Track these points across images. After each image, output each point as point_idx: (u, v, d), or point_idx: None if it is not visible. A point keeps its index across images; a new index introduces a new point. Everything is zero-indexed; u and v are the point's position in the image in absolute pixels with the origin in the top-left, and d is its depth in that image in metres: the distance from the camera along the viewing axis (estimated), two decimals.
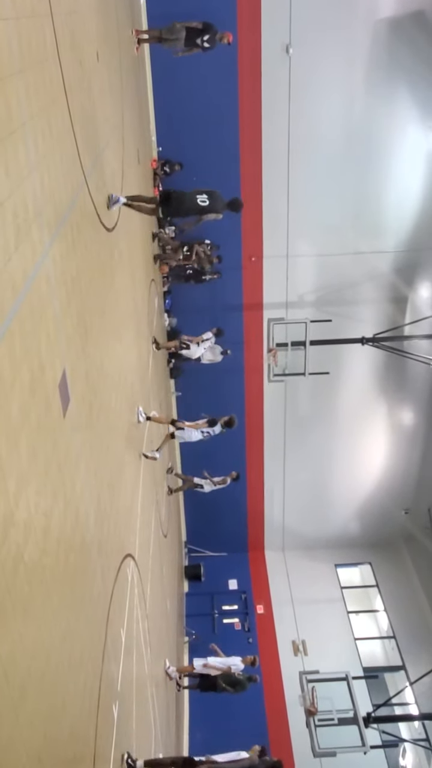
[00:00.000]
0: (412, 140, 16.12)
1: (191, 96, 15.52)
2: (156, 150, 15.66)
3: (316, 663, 14.93)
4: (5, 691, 2.96)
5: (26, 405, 3.60)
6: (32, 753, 3.27)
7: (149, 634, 8.96)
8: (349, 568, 20.44)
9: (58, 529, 4.11)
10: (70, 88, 5.32)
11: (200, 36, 10.57)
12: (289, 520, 20.43)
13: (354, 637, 17.81)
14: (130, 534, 7.75)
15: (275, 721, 15.24)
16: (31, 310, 3.83)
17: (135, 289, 9.68)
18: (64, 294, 4.72)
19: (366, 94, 15.79)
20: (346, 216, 16.78)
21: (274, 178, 16.35)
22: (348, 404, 18.76)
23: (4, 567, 3.06)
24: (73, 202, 5.26)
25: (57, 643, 3.90)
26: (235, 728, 14.20)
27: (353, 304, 17.63)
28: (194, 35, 10.55)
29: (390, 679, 17.43)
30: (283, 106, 15.71)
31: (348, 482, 19.85)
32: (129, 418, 8.21)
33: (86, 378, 5.39)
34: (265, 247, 17.15)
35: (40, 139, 4.25)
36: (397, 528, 20.14)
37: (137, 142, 11.65)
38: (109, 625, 5.71)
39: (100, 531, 5.58)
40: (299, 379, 16.02)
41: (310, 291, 17.72)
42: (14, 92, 3.75)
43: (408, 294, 17.64)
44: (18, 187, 3.70)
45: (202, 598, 18.82)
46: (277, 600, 19.01)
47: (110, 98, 8.13)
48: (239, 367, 17.96)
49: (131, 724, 6.79)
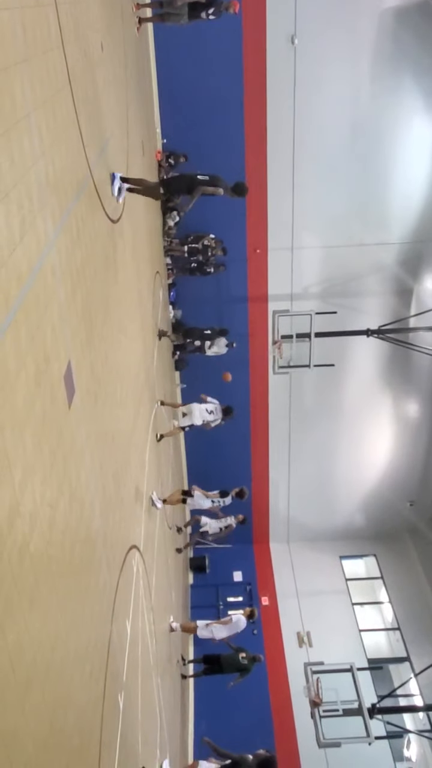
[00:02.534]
0: (417, 131, 16.02)
1: (196, 87, 15.44)
2: (160, 142, 15.60)
3: (320, 654, 14.97)
4: (11, 680, 2.98)
5: (31, 396, 3.60)
6: (38, 742, 3.29)
7: (154, 625, 9.00)
8: (353, 560, 20.45)
9: (64, 520, 4.12)
10: (75, 79, 5.30)
11: (205, 9, 10.39)
12: (294, 512, 20.45)
13: (359, 629, 17.84)
14: (135, 526, 7.77)
15: (280, 712, 15.30)
16: (37, 301, 3.82)
17: (140, 280, 9.67)
18: (69, 285, 4.72)
19: (371, 85, 15.69)
20: (351, 208, 16.71)
21: (279, 169, 16.28)
22: (353, 396, 18.73)
23: (10, 557, 3.07)
24: (78, 193, 5.24)
25: (63, 634, 3.92)
26: (239, 719, 14.28)
27: (358, 296, 17.57)
28: (199, 9, 10.37)
29: (395, 670, 17.46)
30: (288, 98, 15.62)
31: (353, 474, 19.85)
32: (134, 409, 8.21)
33: (91, 369, 5.39)
34: (270, 239, 17.09)
35: (44, 130, 4.23)
36: (402, 520, 20.14)
37: (142, 133, 11.60)
38: (115, 617, 5.73)
39: (105, 522, 5.60)
40: (304, 371, 15.99)
41: (315, 283, 17.67)
42: (19, 82, 3.73)
43: (413, 286, 17.57)
44: (23, 177, 3.69)
45: (207, 590, 18.87)
46: (281, 592, 19.05)
47: (114, 89, 8.09)
48: (244, 359, 17.95)
49: (137, 714, 6.83)
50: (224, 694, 12.45)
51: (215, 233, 16.35)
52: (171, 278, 16.38)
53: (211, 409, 12.87)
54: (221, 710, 13.97)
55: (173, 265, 16.18)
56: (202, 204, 16.34)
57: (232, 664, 12.13)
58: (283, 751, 14.31)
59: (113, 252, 7.08)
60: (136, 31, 11.23)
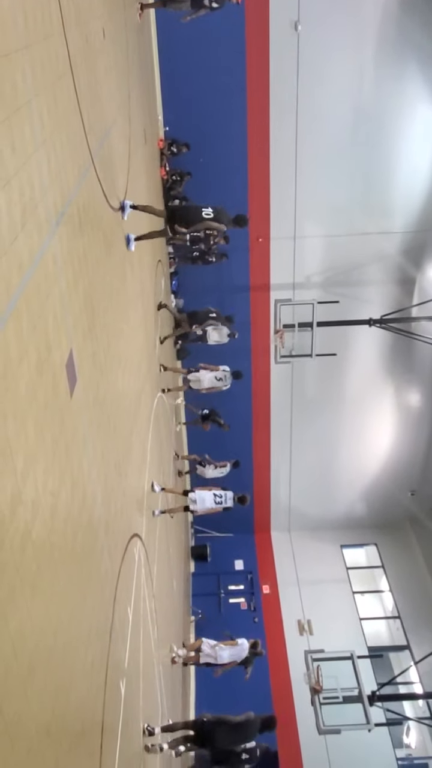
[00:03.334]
0: (421, 119, 15.91)
1: (199, 75, 15.34)
2: (163, 130, 15.52)
3: (321, 642, 15.03)
4: (14, 666, 3.00)
5: (33, 384, 3.60)
6: (41, 727, 3.32)
7: (156, 613, 9.05)
8: (354, 549, 20.53)
9: (66, 508, 4.14)
10: (76, 65, 5.26)
11: None
12: (296, 501, 20.50)
13: (359, 617, 17.93)
14: (137, 514, 7.79)
15: (280, 699, 15.41)
16: (38, 290, 3.82)
17: (142, 269, 9.65)
18: (71, 274, 4.71)
19: (375, 72, 15.57)
20: (354, 196, 16.63)
21: (282, 158, 16.19)
22: (355, 386, 18.73)
23: (12, 545, 3.08)
24: (79, 181, 5.22)
25: (65, 621, 3.94)
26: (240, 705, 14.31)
27: (360, 286, 17.53)
28: None
29: (395, 658, 17.56)
30: (292, 85, 15.51)
31: (354, 463, 19.88)
32: (136, 399, 8.22)
33: (93, 358, 5.39)
34: (272, 227, 17.03)
35: (46, 117, 4.21)
36: (403, 509, 20.19)
37: (144, 121, 11.53)
38: (117, 604, 5.76)
39: (107, 511, 5.62)
40: (306, 360, 15.98)
41: (317, 272, 17.62)
42: (20, 68, 3.71)
43: (415, 275, 17.52)
44: (24, 165, 3.67)
45: (208, 578, 18.96)
46: (283, 580, 19.14)
47: (116, 76, 8.04)
48: (246, 349, 17.93)
49: (138, 701, 6.88)
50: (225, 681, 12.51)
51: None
52: (173, 267, 16.33)
53: (221, 376, 13.84)
54: (222, 697, 14.03)
55: (175, 254, 16.12)
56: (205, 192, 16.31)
57: None
58: (284, 738, 14.43)
59: (115, 240, 7.06)
60: (138, 17, 11.14)
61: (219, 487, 12.13)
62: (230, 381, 14.32)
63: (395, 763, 14.73)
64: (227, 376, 14.25)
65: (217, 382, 13.97)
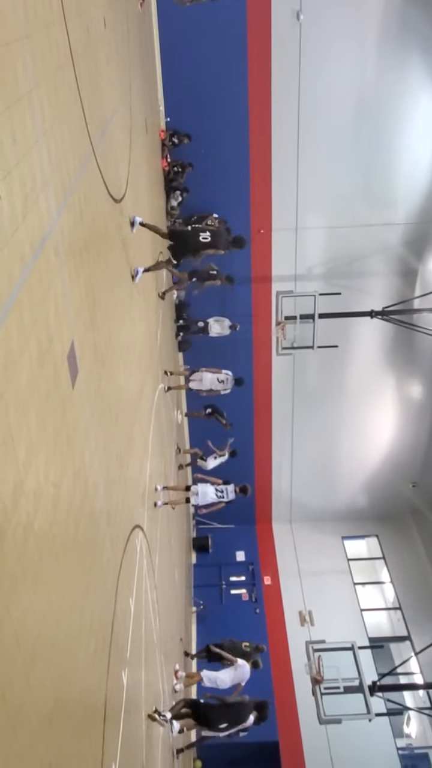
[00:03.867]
0: (424, 109, 15.82)
1: (200, 65, 15.26)
2: (164, 120, 15.46)
3: (322, 633, 15.10)
4: (17, 655, 3.02)
5: (35, 376, 3.61)
6: (43, 715, 3.34)
7: (158, 603, 9.09)
8: (356, 540, 20.58)
9: (68, 499, 4.15)
10: (77, 55, 5.24)
11: None
12: (297, 492, 20.54)
13: (360, 608, 18.00)
14: (139, 505, 7.81)
15: (282, 689, 15.49)
16: (40, 281, 3.82)
17: (143, 260, 9.63)
18: (72, 265, 4.70)
19: (377, 62, 15.48)
20: (356, 188, 16.57)
21: (284, 149, 16.12)
22: (356, 378, 18.72)
23: (14, 535, 3.09)
24: (80, 171, 5.21)
25: (67, 611, 3.96)
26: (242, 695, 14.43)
27: (362, 277, 17.49)
28: None
29: (395, 649, 17.64)
30: (293, 75, 15.42)
31: (356, 455, 19.90)
32: (138, 390, 8.23)
33: (95, 350, 5.39)
34: (274, 219, 16.98)
35: (46, 107, 4.19)
36: (404, 501, 20.22)
37: (145, 111, 11.48)
38: (119, 595, 5.79)
39: (108, 502, 5.63)
40: (307, 352, 15.96)
41: (319, 264, 17.58)
42: (20, 58, 3.69)
43: (417, 267, 17.47)
44: (25, 155, 3.66)
45: (209, 569, 19.02)
46: (284, 571, 19.20)
47: (117, 66, 8.00)
48: (248, 340, 17.93)
49: (140, 690, 6.92)
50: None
51: (219, 213, 16.24)
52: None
53: (223, 378, 14.17)
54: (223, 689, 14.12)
55: None
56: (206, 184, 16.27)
57: (234, 652, 12.21)
58: (285, 727, 14.53)
59: (117, 232, 7.05)
60: (139, 6, 11.09)
61: (220, 481, 12.15)
62: (231, 386, 14.36)
63: (395, 753, 14.82)
64: (229, 380, 14.31)
65: (218, 384, 14.06)
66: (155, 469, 9.72)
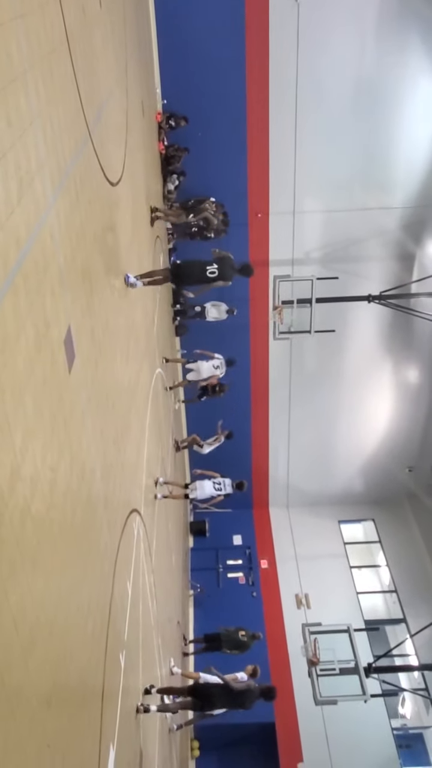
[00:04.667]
0: (423, 91, 15.67)
1: (197, 47, 15.07)
2: (161, 103, 15.30)
3: (318, 616, 15.24)
4: (15, 639, 3.04)
5: (32, 361, 3.60)
6: (41, 698, 3.37)
7: (155, 587, 9.14)
8: (352, 524, 20.69)
9: (65, 483, 4.16)
10: (72, 35, 5.17)
11: None
12: (294, 477, 20.60)
13: (356, 591, 18.13)
14: (136, 490, 7.83)
15: (278, 671, 15.63)
16: (36, 266, 3.79)
17: (140, 245, 9.58)
18: (68, 249, 4.67)
19: (376, 44, 15.30)
20: (354, 171, 16.46)
21: (282, 132, 15.98)
22: (353, 362, 18.72)
23: (12, 520, 3.10)
24: (76, 155, 5.16)
25: (65, 594, 3.99)
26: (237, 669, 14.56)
27: (360, 262, 17.43)
28: None
29: (391, 631, 17.80)
30: (291, 57, 15.25)
31: (352, 440, 19.95)
32: (135, 375, 8.22)
33: (92, 334, 5.37)
34: (271, 203, 16.88)
35: (41, 88, 4.15)
36: (400, 485, 20.31)
37: (141, 94, 11.37)
38: (116, 578, 5.82)
39: (106, 486, 5.65)
40: (305, 336, 15.93)
41: (316, 248, 17.50)
42: (14, 38, 3.64)
43: (415, 251, 17.41)
44: (20, 138, 3.62)
45: (207, 553, 19.12)
46: (281, 555, 19.32)
47: (113, 47, 7.91)
48: (245, 325, 17.88)
49: (138, 673, 6.98)
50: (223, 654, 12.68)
51: (216, 197, 16.14)
52: (171, 243, 16.21)
53: (218, 364, 14.37)
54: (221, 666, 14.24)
55: (173, 229, 16.01)
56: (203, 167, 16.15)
57: (231, 641, 12.30)
58: (281, 709, 14.68)
59: (113, 216, 7.00)
60: None
61: (218, 474, 12.22)
62: (225, 369, 14.55)
63: (390, 733, 15.00)
64: (222, 363, 14.49)
65: (214, 370, 14.25)
66: (152, 453, 9.73)
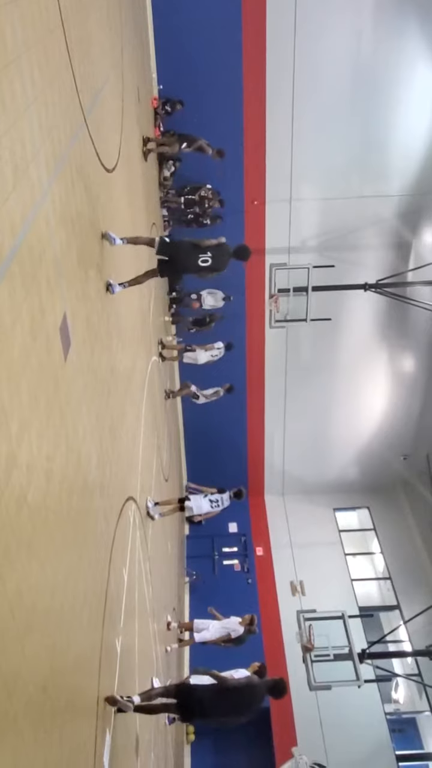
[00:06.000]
0: (421, 78, 15.56)
1: (193, 32, 14.92)
2: (157, 88, 15.18)
3: (313, 603, 15.33)
4: (11, 625, 3.05)
5: (27, 348, 3.59)
6: (38, 683, 3.39)
7: (151, 574, 9.19)
8: (347, 512, 20.79)
9: (61, 471, 4.16)
10: (67, 19, 5.12)
11: None
12: (289, 465, 20.67)
13: (351, 578, 18.25)
14: (132, 477, 7.85)
15: (273, 657, 15.75)
16: (31, 252, 3.77)
17: (136, 232, 9.53)
18: (64, 236, 4.65)
19: (374, 29, 15.17)
20: (350, 159, 16.38)
21: (278, 118, 15.88)
22: (349, 351, 18.73)
23: (8, 508, 3.11)
24: (72, 140, 5.12)
25: (61, 581, 4.00)
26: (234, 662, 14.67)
27: (356, 250, 17.39)
28: None
29: (385, 618, 17.94)
30: (288, 43, 15.12)
31: (348, 428, 20.00)
32: (131, 363, 8.20)
33: (87, 322, 5.36)
34: (267, 190, 16.80)
35: (36, 73, 4.11)
36: (395, 473, 20.40)
37: (137, 79, 11.27)
38: (112, 565, 5.84)
39: (102, 474, 5.65)
40: (301, 325, 15.92)
41: (313, 236, 17.45)
42: (9, 22, 3.60)
43: (411, 240, 17.38)
44: (15, 123, 3.59)
45: (202, 541, 19.21)
46: (276, 542, 19.42)
47: (109, 32, 7.83)
48: (241, 313, 17.85)
49: (134, 658, 7.03)
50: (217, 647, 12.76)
51: (212, 184, 16.07)
52: (167, 230, 16.15)
53: (216, 353, 14.38)
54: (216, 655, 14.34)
55: (169, 216, 15.94)
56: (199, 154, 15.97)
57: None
58: None
59: (109, 202, 6.96)
60: None
61: (214, 489, 12.10)
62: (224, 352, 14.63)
63: (384, 718, 15.16)
64: (221, 349, 14.53)
65: (212, 358, 14.34)
66: (148, 441, 9.74)
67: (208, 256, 7.64)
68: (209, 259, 7.65)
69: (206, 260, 7.63)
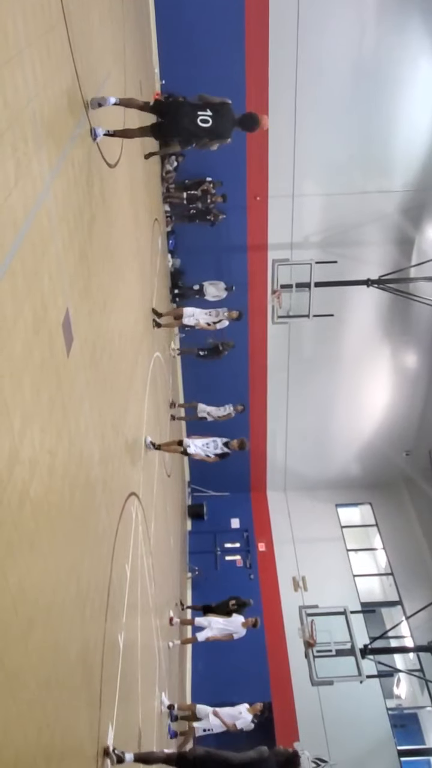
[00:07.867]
0: (424, 73, 15.51)
1: (196, 27, 14.89)
2: (159, 83, 15.14)
3: (315, 598, 15.33)
4: (14, 621, 3.05)
5: (30, 344, 3.58)
6: (40, 679, 3.39)
7: (153, 569, 9.20)
8: (349, 508, 20.80)
9: (63, 466, 4.16)
10: (69, 13, 5.09)
11: None
12: (292, 461, 20.66)
13: (353, 574, 18.26)
14: (135, 473, 7.85)
15: (275, 653, 15.80)
16: (33, 248, 3.77)
17: (138, 228, 9.52)
18: (66, 231, 4.64)
19: (377, 24, 15.12)
20: (353, 154, 16.33)
21: (281, 114, 15.81)
22: (352, 347, 18.71)
23: (10, 503, 3.11)
24: (74, 135, 5.11)
25: (63, 577, 4.00)
26: (236, 658, 14.72)
27: (359, 246, 17.35)
28: None
29: (387, 613, 17.97)
30: (291, 38, 15.07)
31: (350, 424, 19.99)
32: (133, 358, 8.20)
33: (90, 317, 5.35)
34: (270, 186, 16.76)
35: (38, 68, 4.09)
36: (397, 469, 20.39)
37: (139, 74, 11.24)
38: (114, 561, 5.84)
39: (104, 469, 5.65)
40: (303, 321, 15.91)
41: (315, 232, 17.42)
42: (11, 16, 3.59)
43: (414, 235, 17.34)
44: (17, 118, 3.58)
45: (204, 536, 19.24)
46: (278, 538, 19.43)
47: (111, 26, 7.80)
48: (243, 309, 17.78)
49: (136, 652, 7.04)
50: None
51: (214, 179, 16.05)
52: (170, 226, 16.13)
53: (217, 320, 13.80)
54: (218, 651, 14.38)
55: (172, 212, 15.92)
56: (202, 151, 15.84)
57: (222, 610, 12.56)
58: (278, 689, 14.85)
59: (111, 198, 6.95)
60: None
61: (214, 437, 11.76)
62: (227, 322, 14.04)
63: (385, 713, 15.19)
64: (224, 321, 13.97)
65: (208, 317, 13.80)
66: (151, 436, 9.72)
67: (208, 115, 6.77)
68: (209, 118, 6.77)
69: (206, 119, 6.76)
